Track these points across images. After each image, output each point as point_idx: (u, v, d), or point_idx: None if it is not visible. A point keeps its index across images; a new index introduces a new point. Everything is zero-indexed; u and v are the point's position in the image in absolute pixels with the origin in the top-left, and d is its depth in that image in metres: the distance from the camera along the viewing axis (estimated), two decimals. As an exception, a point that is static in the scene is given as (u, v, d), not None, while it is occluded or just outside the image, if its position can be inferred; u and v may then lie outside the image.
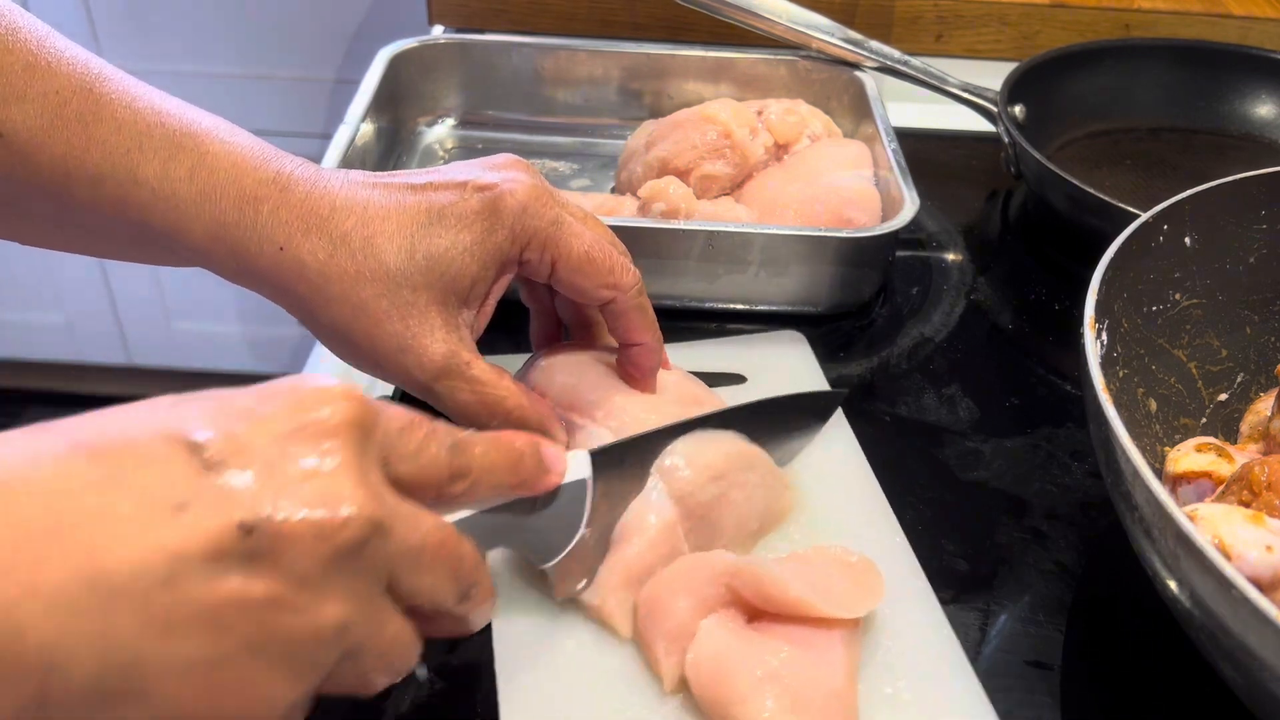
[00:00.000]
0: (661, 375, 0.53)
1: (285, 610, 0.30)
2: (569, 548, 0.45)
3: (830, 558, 0.48)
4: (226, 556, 0.29)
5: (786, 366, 0.63)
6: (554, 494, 0.44)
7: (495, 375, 0.49)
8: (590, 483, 0.45)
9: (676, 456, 0.49)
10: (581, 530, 0.45)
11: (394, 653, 0.35)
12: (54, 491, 0.28)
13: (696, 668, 0.43)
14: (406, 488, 0.36)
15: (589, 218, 0.52)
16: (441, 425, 0.38)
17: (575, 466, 0.45)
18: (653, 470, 0.49)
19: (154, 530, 0.29)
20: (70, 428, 0.30)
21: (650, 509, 0.48)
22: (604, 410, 0.51)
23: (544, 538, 0.45)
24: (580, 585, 0.47)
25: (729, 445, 0.51)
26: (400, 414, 0.36)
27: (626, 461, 0.48)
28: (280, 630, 0.31)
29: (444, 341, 0.47)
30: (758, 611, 0.45)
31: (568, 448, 0.50)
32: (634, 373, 0.53)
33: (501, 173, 0.49)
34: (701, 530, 0.49)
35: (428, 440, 0.37)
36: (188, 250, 0.47)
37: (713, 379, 0.59)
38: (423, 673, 0.46)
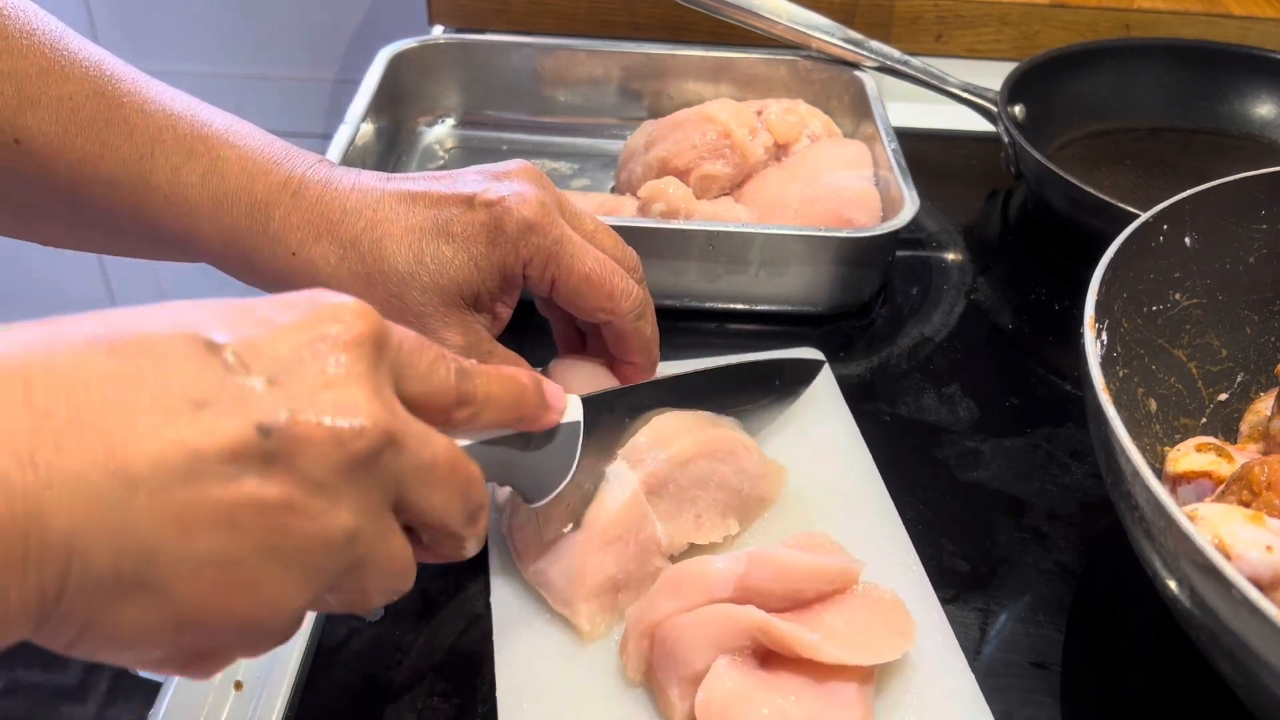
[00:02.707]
0: None
1: (299, 514, 0.31)
2: (559, 488, 0.46)
3: (859, 596, 0.46)
4: (244, 457, 0.29)
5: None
6: (550, 433, 0.44)
7: (518, 361, 0.50)
8: (582, 426, 0.46)
9: (644, 438, 0.49)
10: (572, 472, 0.46)
11: (394, 570, 0.35)
12: (73, 382, 0.28)
13: (707, 707, 0.42)
14: (415, 407, 0.36)
15: (599, 231, 0.52)
16: (451, 352, 0.38)
17: (571, 409, 0.45)
18: (619, 455, 0.49)
19: (173, 426, 0.29)
20: (86, 322, 0.30)
21: (613, 495, 0.48)
22: None
23: (537, 477, 0.45)
24: (567, 528, 0.48)
25: (701, 431, 0.51)
26: (412, 335, 0.37)
27: (617, 410, 0.49)
28: (293, 534, 0.31)
29: (462, 333, 0.49)
30: (771, 652, 0.45)
31: None
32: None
33: (511, 184, 0.49)
34: (670, 510, 0.50)
35: (437, 363, 0.37)
36: (202, 253, 0.48)
37: None
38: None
